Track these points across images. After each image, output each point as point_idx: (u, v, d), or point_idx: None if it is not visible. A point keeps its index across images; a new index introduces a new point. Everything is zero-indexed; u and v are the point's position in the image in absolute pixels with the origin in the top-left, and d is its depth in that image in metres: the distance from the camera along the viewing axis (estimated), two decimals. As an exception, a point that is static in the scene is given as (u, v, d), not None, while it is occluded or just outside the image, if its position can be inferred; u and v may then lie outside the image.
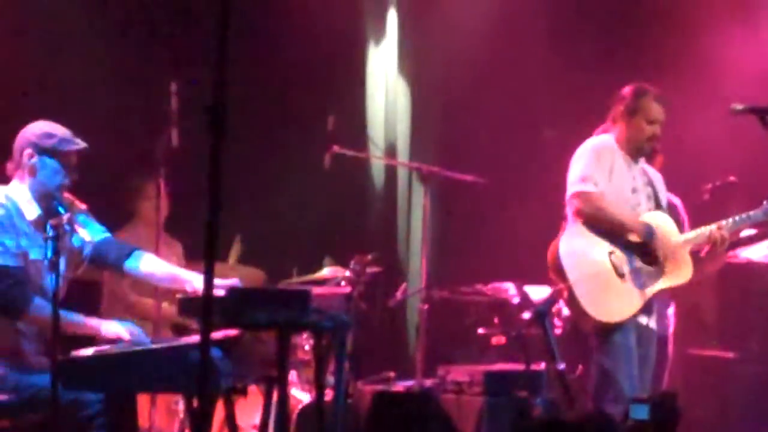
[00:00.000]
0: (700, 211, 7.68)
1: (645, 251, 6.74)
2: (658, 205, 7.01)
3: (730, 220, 6.91)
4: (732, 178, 7.82)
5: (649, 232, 6.80)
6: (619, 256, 6.68)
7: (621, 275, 6.67)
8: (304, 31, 8.56)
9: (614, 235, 6.74)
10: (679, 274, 6.80)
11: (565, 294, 6.60)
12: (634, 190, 6.93)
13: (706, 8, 9.57)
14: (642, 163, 7.05)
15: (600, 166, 6.76)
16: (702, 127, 7.88)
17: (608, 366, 6.52)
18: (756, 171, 7.67)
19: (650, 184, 7.03)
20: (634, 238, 6.75)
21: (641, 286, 6.70)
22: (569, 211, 6.77)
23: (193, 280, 5.76)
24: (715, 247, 6.85)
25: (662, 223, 6.87)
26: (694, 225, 7.42)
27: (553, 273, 6.67)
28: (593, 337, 6.63)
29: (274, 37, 8.35)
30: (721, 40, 9.35)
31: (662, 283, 6.78)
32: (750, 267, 7.65)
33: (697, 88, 8.68)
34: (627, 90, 6.94)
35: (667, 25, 9.47)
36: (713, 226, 6.85)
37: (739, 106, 6.14)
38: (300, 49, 8.56)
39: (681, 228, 7.41)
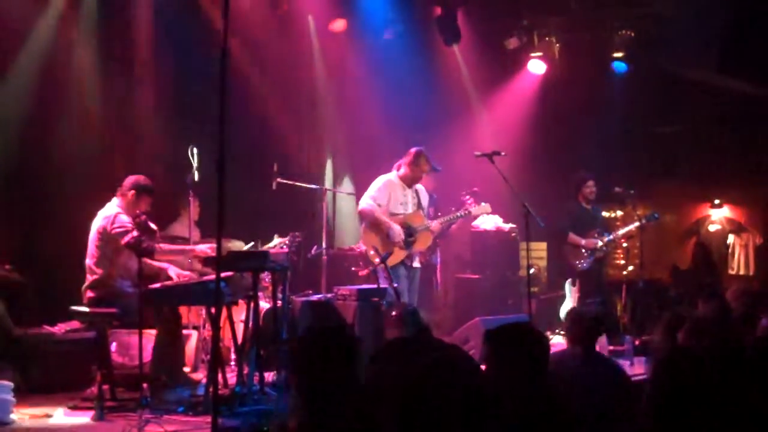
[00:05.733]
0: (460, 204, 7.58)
1: (408, 232, 6.76)
2: (420, 208, 6.95)
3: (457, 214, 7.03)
4: (476, 189, 7.58)
5: (405, 226, 6.74)
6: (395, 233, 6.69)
7: (397, 243, 6.67)
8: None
9: (381, 226, 6.70)
10: (424, 244, 6.91)
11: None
12: (403, 204, 6.85)
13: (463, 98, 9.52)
14: (415, 186, 6.96)
15: (382, 191, 6.83)
16: (465, 162, 7.58)
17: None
18: (489, 185, 7.40)
19: (417, 197, 6.96)
20: (394, 228, 6.69)
21: (407, 248, 6.76)
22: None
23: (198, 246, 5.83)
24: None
25: (413, 219, 6.85)
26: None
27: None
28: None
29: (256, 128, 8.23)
30: (473, 118, 9.47)
31: (416, 248, 6.85)
32: (483, 232, 7.69)
33: (461, 141, 8.52)
34: (412, 150, 6.87)
35: (452, 108, 9.45)
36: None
37: (478, 153, 6.32)
38: (270, 136, 8.51)
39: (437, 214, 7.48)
